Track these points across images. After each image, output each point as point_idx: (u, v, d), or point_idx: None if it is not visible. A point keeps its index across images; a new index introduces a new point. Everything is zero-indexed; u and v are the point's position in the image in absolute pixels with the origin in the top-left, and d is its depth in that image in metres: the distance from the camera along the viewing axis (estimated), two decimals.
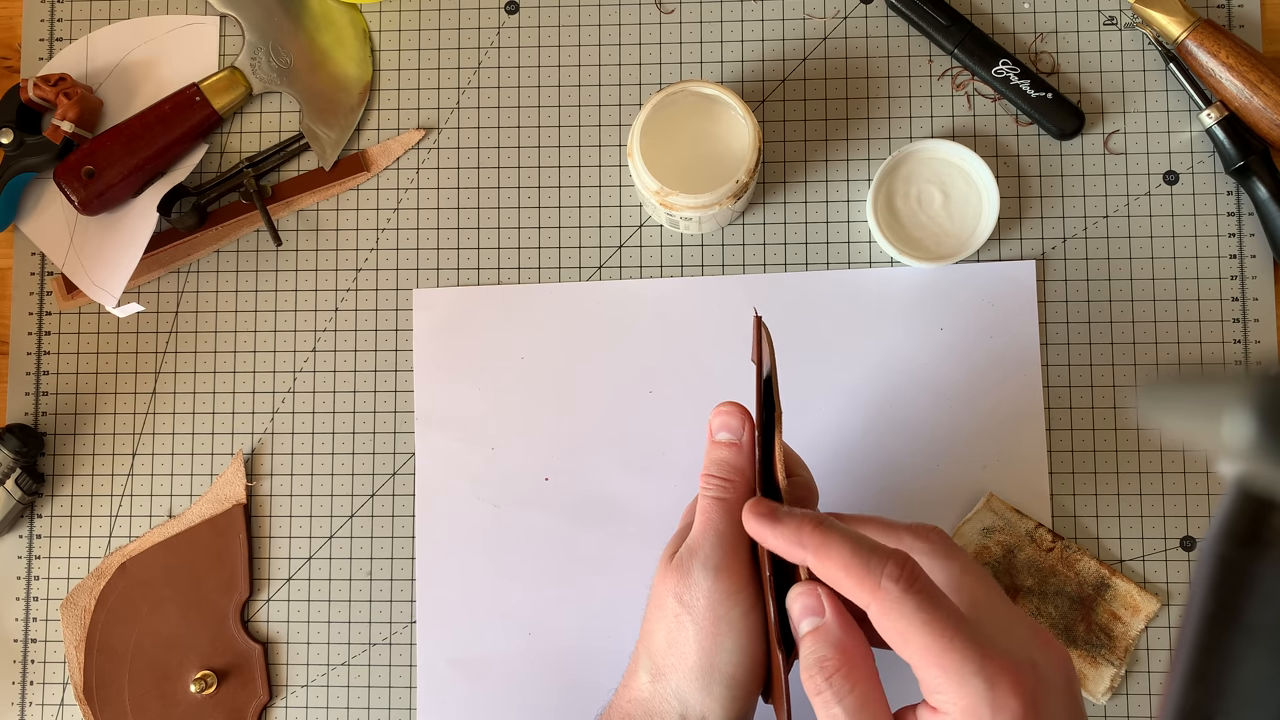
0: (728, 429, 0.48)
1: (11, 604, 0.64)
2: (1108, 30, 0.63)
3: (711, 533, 0.45)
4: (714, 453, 0.47)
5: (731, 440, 0.47)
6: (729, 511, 0.46)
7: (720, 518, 0.46)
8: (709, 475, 0.47)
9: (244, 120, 0.66)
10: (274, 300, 0.64)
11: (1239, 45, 0.59)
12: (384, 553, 0.62)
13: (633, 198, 0.63)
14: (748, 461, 0.47)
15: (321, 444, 0.63)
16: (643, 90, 0.64)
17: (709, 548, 0.45)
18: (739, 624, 0.44)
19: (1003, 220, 0.61)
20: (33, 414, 0.65)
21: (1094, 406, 0.60)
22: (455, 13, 0.65)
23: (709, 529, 0.46)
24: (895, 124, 0.63)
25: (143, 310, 0.65)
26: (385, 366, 0.63)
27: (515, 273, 0.63)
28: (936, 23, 0.62)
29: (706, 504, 0.46)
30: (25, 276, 0.66)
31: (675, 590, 0.45)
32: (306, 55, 0.65)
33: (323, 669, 0.62)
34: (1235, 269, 0.61)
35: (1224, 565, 0.26)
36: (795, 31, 0.64)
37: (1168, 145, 0.62)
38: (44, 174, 0.65)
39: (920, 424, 0.60)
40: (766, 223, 0.63)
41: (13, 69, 0.67)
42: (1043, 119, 0.61)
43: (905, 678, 0.39)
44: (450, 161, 0.64)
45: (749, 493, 0.47)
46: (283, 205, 0.64)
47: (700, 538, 0.46)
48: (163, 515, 0.64)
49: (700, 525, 0.46)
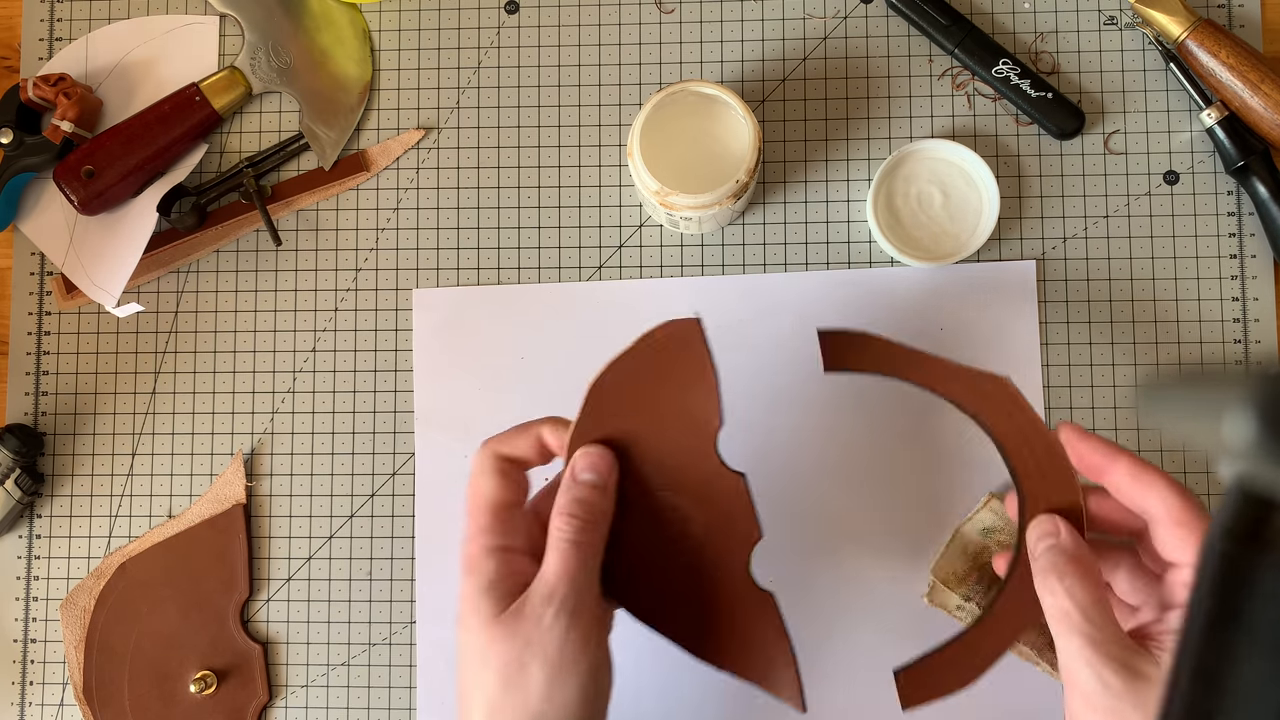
0: (594, 471, 0.46)
1: (11, 604, 0.64)
2: (1108, 30, 0.63)
3: (568, 578, 0.44)
4: (576, 491, 0.46)
5: (596, 482, 0.46)
6: (585, 554, 0.45)
7: (577, 563, 0.45)
8: (569, 515, 0.45)
9: (244, 120, 0.66)
10: (274, 300, 0.64)
11: (1239, 45, 0.59)
12: (384, 553, 0.62)
13: (633, 198, 0.63)
14: (609, 507, 0.46)
15: (321, 444, 0.63)
16: (643, 90, 0.64)
17: (566, 592, 0.44)
18: (585, 666, 0.44)
19: (1003, 220, 0.61)
20: (32, 414, 0.65)
21: (1094, 406, 0.60)
22: (455, 13, 0.65)
23: (565, 574, 0.44)
24: (895, 124, 0.63)
25: (143, 310, 0.65)
26: (385, 366, 0.63)
27: (515, 273, 0.63)
28: (937, 23, 0.62)
29: (565, 547, 0.45)
30: (25, 276, 0.66)
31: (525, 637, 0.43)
32: (306, 55, 0.65)
33: (323, 669, 0.62)
34: (1235, 269, 0.61)
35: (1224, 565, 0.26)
36: (795, 31, 0.64)
37: (1168, 145, 0.62)
38: (44, 174, 0.65)
39: (920, 424, 0.60)
40: (766, 223, 0.63)
41: (12, 69, 0.67)
42: (1043, 119, 0.61)
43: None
44: (450, 161, 0.64)
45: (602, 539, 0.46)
46: (283, 205, 0.64)
47: (557, 583, 0.44)
48: (162, 515, 0.64)
49: (556, 569, 0.45)
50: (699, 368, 0.47)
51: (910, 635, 0.58)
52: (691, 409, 0.47)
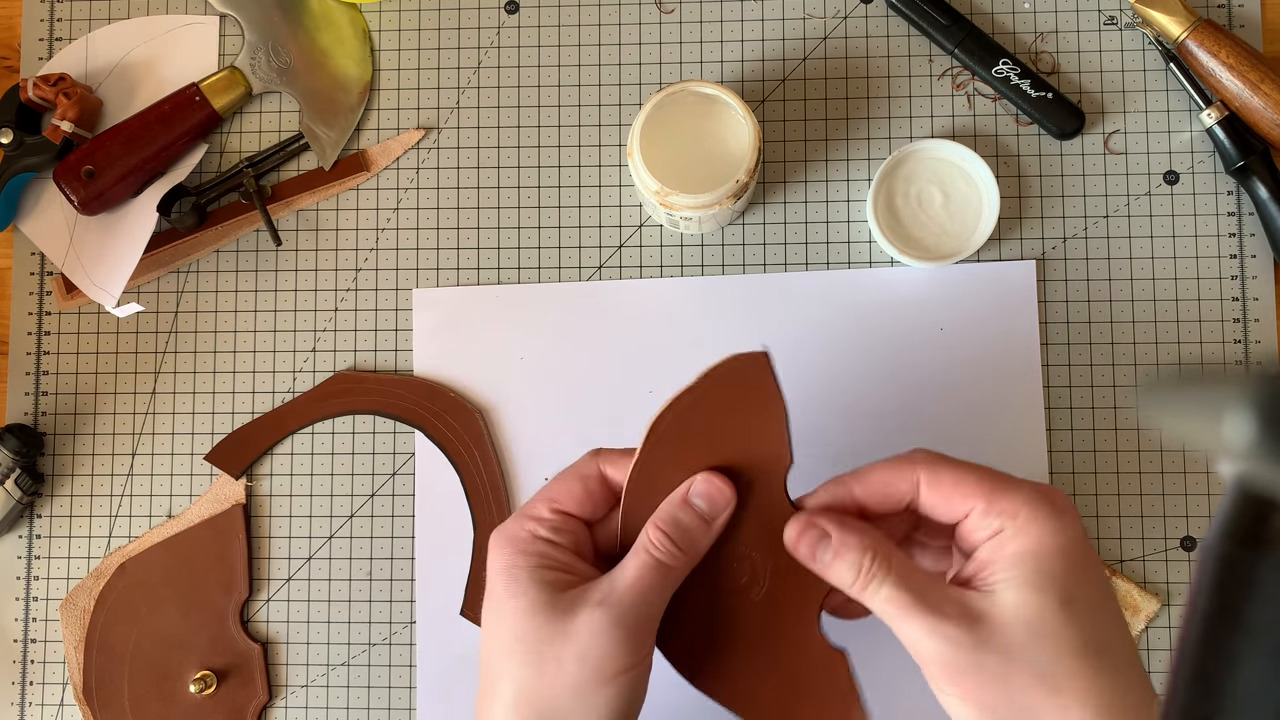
0: (708, 500, 0.44)
1: (11, 604, 0.64)
2: (1108, 30, 0.63)
3: (638, 591, 0.42)
4: (681, 514, 0.43)
5: (706, 514, 0.44)
6: (665, 577, 0.42)
7: (653, 581, 0.42)
8: (665, 534, 0.43)
9: (244, 120, 0.66)
10: (274, 300, 0.64)
11: (1239, 45, 0.59)
12: (384, 553, 0.62)
13: (633, 198, 0.63)
14: (707, 544, 0.44)
15: (321, 444, 0.63)
16: (643, 90, 0.64)
17: (629, 604, 0.41)
18: (623, 684, 0.41)
19: (1003, 220, 0.61)
20: (32, 414, 0.65)
21: (1094, 406, 0.60)
22: (455, 13, 0.65)
23: (638, 587, 0.42)
24: (895, 124, 0.63)
25: (142, 310, 0.65)
26: (385, 366, 0.63)
27: (515, 273, 0.63)
28: (936, 23, 0.62)
29: (649, 560, 0.42)
30: (25, 276, 0.66)
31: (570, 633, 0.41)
32: (306, 55, 0.65)
33: (323, 669, 0.62)
34: (1235, 269, 0.61)
35: (1224, 565, 0.26)
36: (795, 31, 0.64)
37: (1168, 145, 0.62)
38: (44, 174, 0.65)
39: (920, 424, 0.60)
40: (766, 223, 0.63)
41: (12, 69, 0.67)
42: (1043, 119, 0.61)
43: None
44: (450, 161, 0.64)
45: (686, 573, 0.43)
46: (282, 205, 0.64)
47: (625, 591, 0.42)
48: (162, 515, 0.64)
49: (631, 579, 0.42)
50: (767, 403, 0.44)
51: None
52: (759, 448, 0.44)
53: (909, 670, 0.42)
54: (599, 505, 0.46)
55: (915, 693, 0.44)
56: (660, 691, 0.45)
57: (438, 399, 0.62)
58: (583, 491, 0.46)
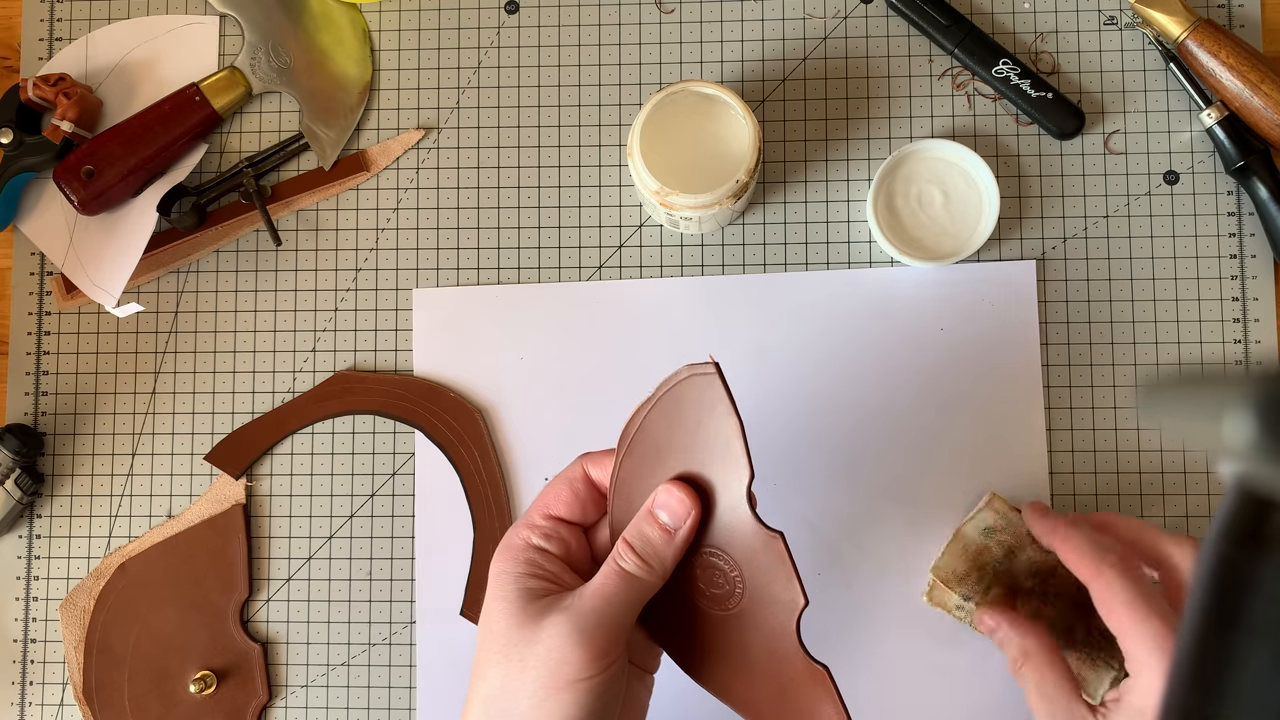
0: (669, 511, 0.44)
1: (11, 604, 0.64)
2: (1108, 30, 0.63)
3: (601, 599, 0.42)
4: (645, 526, 0.44)
5: (669, 526, 0.44)
6: (630, 588, 0.43)
7: (616, 590, 0.43)
8: (632, 550, 0.44)
9: (244, 120, 0.66)
10: (274, 300, 0.64)
11: (1239, 45, 0.59)
12: (384, 553, 0.62)
13: (633, 198, 0.63)
14: (673, 556, 0.44)
15: (321, 444, 0.63)
16: (643, 90, 0.64)
17: (590, 610, 0.42)
18: (583, 690, 0.41)
19: (1003, 220, 0.61)
20: (32, 414, 0.65)
21: (1094, 406, 0.60)
22: (455, 13, 0.65)
23: (601, 596, 0.43)
24: (895, 124, 0.63)
25: (142, 310, 0.65)
26: (385, 366, 0.63)
27: (515, 273, 0.63)
28: (936, 23, 0.62)
29: (615, 571, 0.43)
30: (25, 276, 0.66)
31: (534, 639, 0.42)
32: (306, 55, 0.65)
33: (323, 669, 0.62)
34: (1235, 269, 0.61)
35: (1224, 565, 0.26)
36: (795, 31, 0.64)
37: (1168, 145, 0.62)
38: (44, 174, 0.65)
39: (921, 424, 0.60)
40: (766, 223, 0.62)
41: (12, 69, 0.67)
42: (1043, 119, 0.61)
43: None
44: (450, 161, 0.64)
45: (658, 584, 0.44)
46: (282, 205, 0.64)
47: (588, 599, 0.42)
48: (162, 515, 0.64)
49: (595, 589, 0.43)
50: (721, 415, 0.43)
51: (912, 637, 0.58)
52: (718, 460, 0.43)
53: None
54: (589, 509, 0.47)
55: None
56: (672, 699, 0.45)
57: (438, 399, 0.62)
58: (571, 496, 0.47)
